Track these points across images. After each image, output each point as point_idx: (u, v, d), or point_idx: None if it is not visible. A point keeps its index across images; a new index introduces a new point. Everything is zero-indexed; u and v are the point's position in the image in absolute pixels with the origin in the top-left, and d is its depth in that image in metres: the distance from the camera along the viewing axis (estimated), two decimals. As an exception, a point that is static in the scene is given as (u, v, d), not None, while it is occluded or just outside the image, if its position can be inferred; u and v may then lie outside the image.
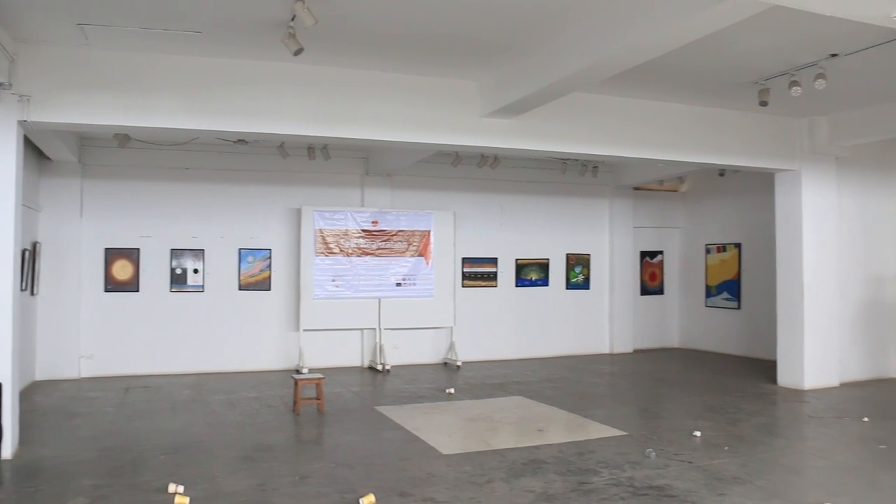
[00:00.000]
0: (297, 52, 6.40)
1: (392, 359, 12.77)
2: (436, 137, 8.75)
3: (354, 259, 12.69)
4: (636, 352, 14.94)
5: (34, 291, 10.66)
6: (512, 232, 14.12)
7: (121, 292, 11.67)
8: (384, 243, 12.88)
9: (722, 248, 14.81)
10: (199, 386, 10.68)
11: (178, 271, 12.01)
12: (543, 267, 14.39)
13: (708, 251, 15.16)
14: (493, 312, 13.89)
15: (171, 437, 7.52)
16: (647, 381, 11.63)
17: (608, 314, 14.92)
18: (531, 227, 14.29)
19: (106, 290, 11.61)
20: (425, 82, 8.60)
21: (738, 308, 14.36)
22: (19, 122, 6.98)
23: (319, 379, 8.98)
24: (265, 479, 6.04)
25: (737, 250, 14.43)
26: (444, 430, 8.07)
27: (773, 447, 7.24)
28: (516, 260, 14.15)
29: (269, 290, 12.48)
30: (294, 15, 6.07)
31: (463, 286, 13.66)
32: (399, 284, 12.99)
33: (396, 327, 12.95)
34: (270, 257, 12.51)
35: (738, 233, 14.42)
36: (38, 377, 10.97)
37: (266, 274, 12.48)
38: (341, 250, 12.61)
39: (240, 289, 12.33)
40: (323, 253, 12.49)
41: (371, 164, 12.93)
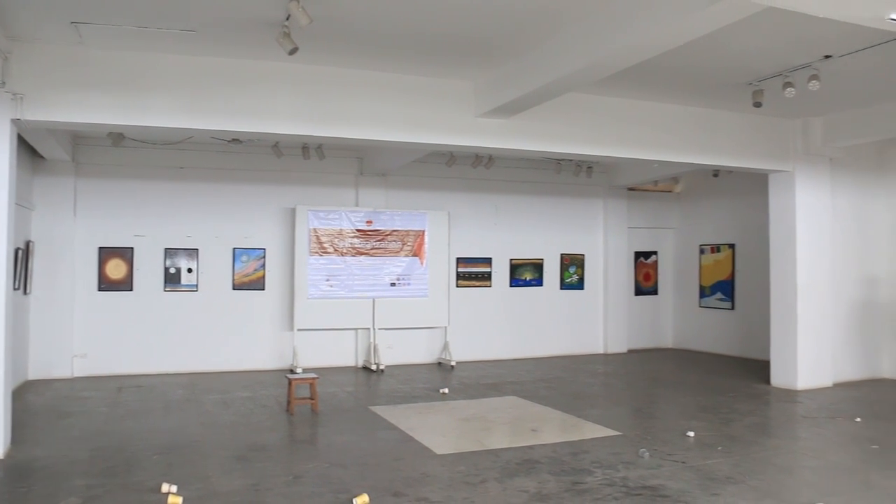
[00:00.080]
0: (291, 52, 6.40)
1: (386, 359, 12.76)
2: (430, 137, 8.75)
3: (349, 259, 12.68)
4: (630, 352, 14.97)
5: (27, 290, 10.62)
6: (506, 232, 14.12)
7: (114, 291, 11.64)
8: (378, 243, 12.87)
9: (716, 248, 14.84)
10: (193, 385, 10.65)
11: (172, 270, 11.98)
12: (538, 267, 14.40)
13: (702, 251, 15.19)
14: (488, 312, 13.89)
15: (165, 437, 7.51)
16: (641, 381, 11.65)
17: (602, 314, 14.94)
18: (525, 227, 14.30)
19: (99, 290, 11.58)
20: (420, 82, 8.60)
21: (732, 308, 14.40)
22: (13, 120, 6.95)
23: (313, 379, 8.97)
24: (259, 479, 6.03)
25: (731, 251, 14.47)
26: (439, 430, 8.07)
27: (766, 447, 7.26)
28: (511, 260, 14.16)
29: (264, 289, 12.45)
30: (289, 14, 6.07)
31: (457, 286, 13.66)
32: (393, 284, 12.98)
33: (391, 327, 12.94)
34: (265, 257, 12.49)
35: (732, 233, 14.46)
36: (31, 376, 10.93)
37: (260, 273, 12.46)
38: (335, 250, 12.59)
39: (234, 288, 12.31)
40: (317, 252, 12.47)
41: (365, 164, 12.92)
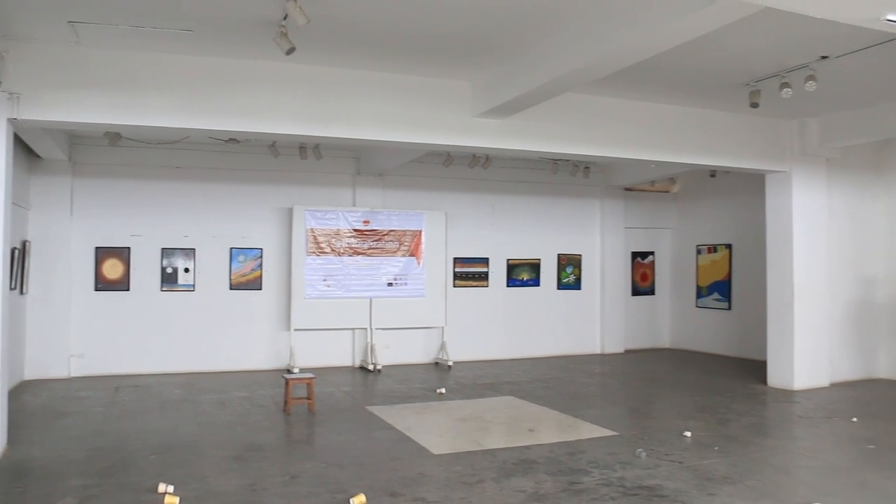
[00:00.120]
0: (288, 52, 6.40)
1: (383, 358, 12.75)
2: (428, 137, 8.75)
3: (346, 259, 12.67)
4: (627, 352, 14.98)
5: (24, 290, 10.59)
6: (503, 232, 14.13)
7: (111, 291, 11.62)
8: (375, 243, 12.86)
9: (713, 248, 14.86)
10: (190, 385, 10.64)
11: (169, 270, 11.96)
12: (535, 267, 14.41)
13: (699, 252, 15.21)
14: (485, 312, 13.89)
15: (161, 437, 7.49)
16: (637, 381, 11.66)
17: (599, 314, 14.95)
18: (522, 227, 14.30)
19: (96, 289, 11.55)
20: (417, 82, 8.60)
21: (729, 309, 14.42)
22: (9, 119, 6.94)
23: (310, 379, 8.97)
24: (256, 479, 6.02)
25: (727, 251, 14.49)
26: (435, 430, 8.07)
27: (762, 447, 7.27)
28: (507, 260, 14.16)
29: (261, 289, 12.44)
30: (286, 14, 6.07)
31: (454, 286, 13.66)
32: (390, 284, 12.98)
33: (388, 327, 12.93)
34: (262, 257, 12.48)
35: (729, 234, 14.47)
36: (28, 376, 10.91)
37: (257, 273, 12.45)
38: (333, 250, 12.58)
39: (231, 288, 12.29)
40: (314, 252, 12.46)
41: (363, 164, 12.91)
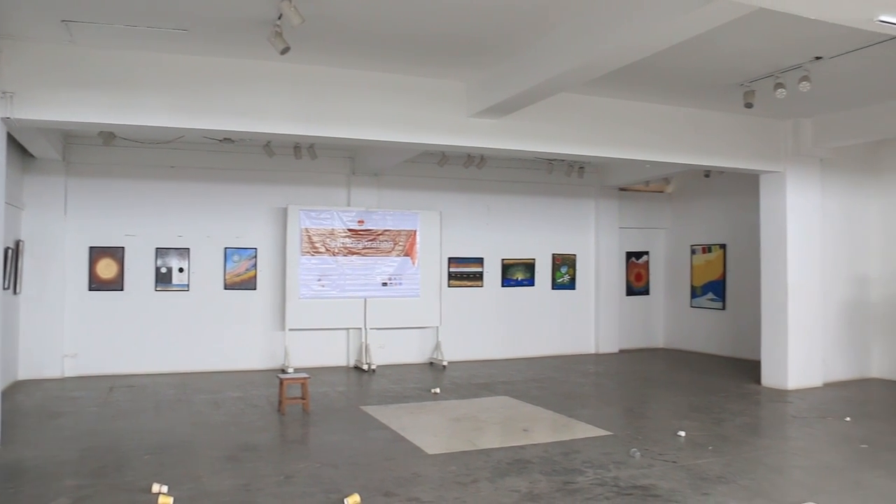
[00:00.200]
0: (283, 51, 6.40)
1: (378, 358, 12.74)
2: (423, 137, 8.76)
3: (340, 258, 12.66)
4: (622, 352, 15.00)
5: (17, 290, 10.55)
6: (498, 232, 14.13)
7: (105, 291, 11.58)
8: (370, 243, 12.86)
9: (707, 248, 14.89)
10: (184, 385, 10.61)
11: (164, 270, 11.93)
12: (529, 267, 14.42)
13: (693, 252, 15.24)
14: (479, 312, 13.90)
15: (156, 437, 7.48)
16: (632, 381, 11.68)
17: (594, 314, 14.97)
18: (517, 227, 14.31)
19: (90, 289, 11.52)
20: (412, 82, 8.61)
21: (723, 308, 14.45)
22: (3, 119, 6.93)
23: (305, 378, 8.95)
24: (250, 479, 6.01)
25: (722, 251, 14.52)
26: (430, 429, 8.07)
27: (756, 447, 7.29)
28: (502, 260, 14.17)
29: (255, 289, 12.42)
30: (281, 14, 6.06)
31: (449, 286, 13.66)
32: (385, 284, 12.97)
33: (382, 327, 12.92)
34: (256, 256, 12.46)
35: (724, 234, 14.51)
36: (21, 376, 10.86)
37: (252, 273, 12.43)
38: (327, 250, 12.57)
39: (225, 288, 12.27)
40: (309, 252, 12.45)
41: (357, 164, 12.90)
